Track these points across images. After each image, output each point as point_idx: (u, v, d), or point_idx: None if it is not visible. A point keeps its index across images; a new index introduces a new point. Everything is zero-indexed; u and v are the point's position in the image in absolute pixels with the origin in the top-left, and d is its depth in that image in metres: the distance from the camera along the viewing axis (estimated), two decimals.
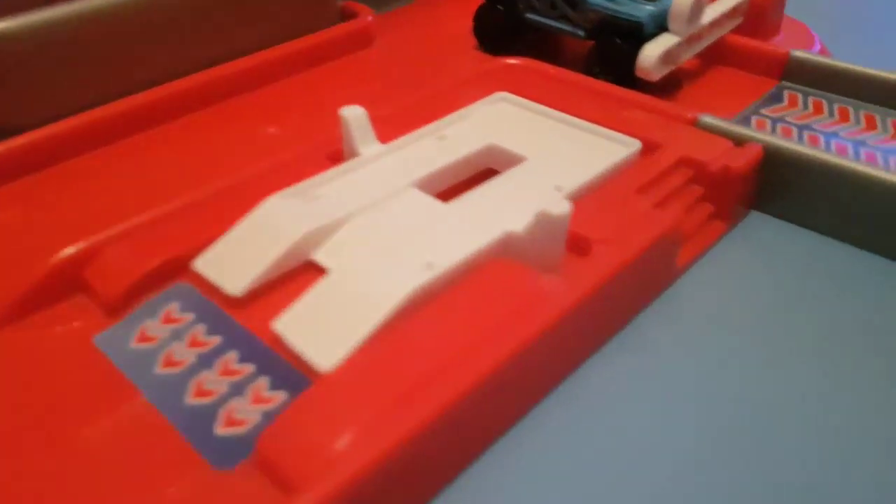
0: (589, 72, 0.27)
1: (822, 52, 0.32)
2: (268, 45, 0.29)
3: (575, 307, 0.17)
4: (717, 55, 0.30)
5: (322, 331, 0.17)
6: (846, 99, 0.27)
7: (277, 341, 0.17)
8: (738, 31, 0.30)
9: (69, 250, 0.19)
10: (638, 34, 0.27)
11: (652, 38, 0.27)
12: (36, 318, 0.18)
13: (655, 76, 0.26)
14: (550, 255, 0.18)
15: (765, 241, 0.23)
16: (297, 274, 0.19)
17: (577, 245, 0.19)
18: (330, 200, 0.20)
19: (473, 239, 0.18)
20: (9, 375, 0.17)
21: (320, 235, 0.19)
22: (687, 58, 0.28)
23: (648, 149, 0.23)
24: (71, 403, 0.16)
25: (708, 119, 0.24)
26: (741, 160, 0.22)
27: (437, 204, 0.20)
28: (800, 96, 0.27)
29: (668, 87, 0.28)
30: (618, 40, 0.27)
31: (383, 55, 0.32)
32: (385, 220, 0.19)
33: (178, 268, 0.19)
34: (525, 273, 0.18)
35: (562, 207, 0.18)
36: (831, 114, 0.26)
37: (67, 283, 0.19)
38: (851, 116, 0.26)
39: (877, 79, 0.27)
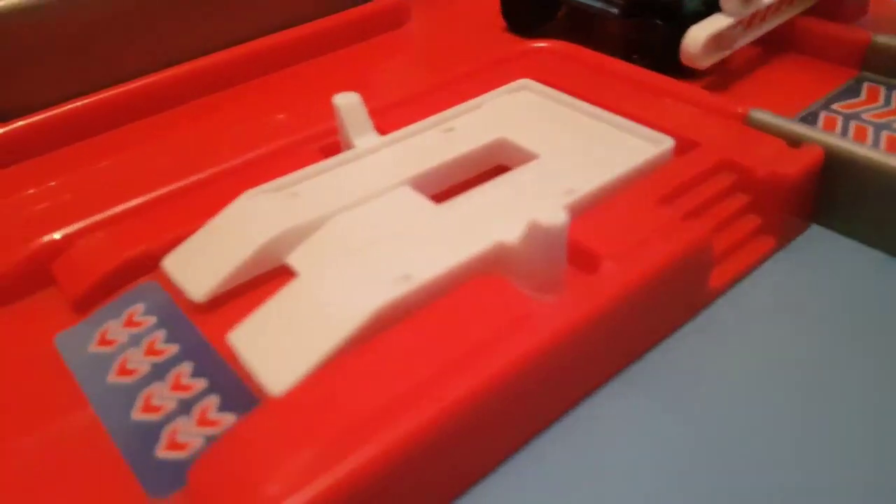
0: (627, 58, 0.25)
1: None
2: (294, 23, 0.28)
3: (571, 333, 0.15)
4: (784, 40, 0.26)
5: (278, 347, 0.15)
6: None
7: (230, 354, 0.16)
8: (813, 11, 0.27)
9: (42, 240, 0.18)
10: (678, 13, 0.24)
11: (696, 14, 0.24)
12: (3, 311, 0.18)
13: (703, 63, 0.23)
14: (547, 272, 0.16)
15: (824, 261, 0.20)
16: (270, 279, 0.18)
17: (584, 261, 0.17)
18: (311, 198, 0.19)
19: (460, 249, 0.16)
20: None
21: (296, 237, 0.18)
22: (744, 43, 0.24)
23: (684, 148, 0.20)
24: (16, 406, 0.16)
25: (760, 115, 0.21)
26: (795, 165, 0.19)
27: (429, 205, 0.18)
28: (882, 90, 0.24)
29: (721, 77, 0.25)
30: (656, 20, 0.25)
31: (413, 37, 0.30)
32: (367, 222, 0.18)
33: (149, 264, 0.18)
34: (513, 292, 0.16)
35: (557, 217, 0.15)
36: None
37: (40, 275, 0.18)
38: None
39: None
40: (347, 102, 0.20)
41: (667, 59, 0.24)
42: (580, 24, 0.30)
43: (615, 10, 0.26)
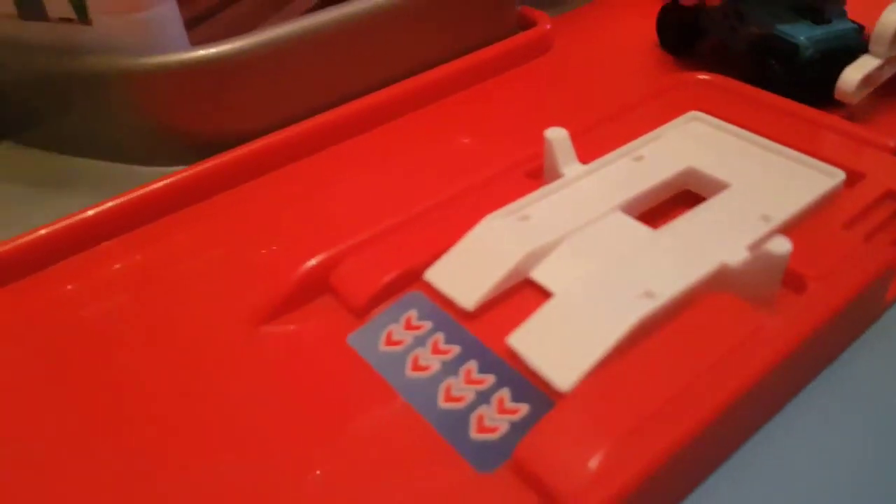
0: None
1: None
2: (452, 56, 0.31)
3: (797, 345, 0.19)
4: None
5: (555, 351, 0.19)
6: None
7: (510, 355, 0.19)
8: None
9: (318, 258, 0.22)
10: (793, 57, 0.27)
11: (811, 62, 0.27)
12: (290, 317, 0.21)
13: (854, 100, 0.26)
14: (766, 292, 0.20)
15: None
16: (515, 291, 0.21)
17: (793, 281, 0.20)
18: (541, 221, 0.22)
19: (689, 269, 0.20)
20: (274, 366, 0.20)
21: (536, 256, 0.21)
22: (886, 77, 0.28)
23: (850, 180, 0.23)
24: (334, 397, 0.19)
25: None
26: None
27: (645, 229, 0.22)
28: None
29: (864, 107, 0.29)
30: (772, 61, 0.28)
31: (561, 62, 0.33)
32: (597, 244, 0.21)
33: (412, 277, 0.22)
34: (745, 310, 0.19)
35: (784, 246, 0.19)
36: None
37: (316, 286, 0.22)
38: None
39: None
40: (557, 136, 0.24)
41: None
42: (717, 51, 0.33)
43: (743, 46, 0.29)
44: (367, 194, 0.25)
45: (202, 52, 0.26)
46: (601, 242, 0.21)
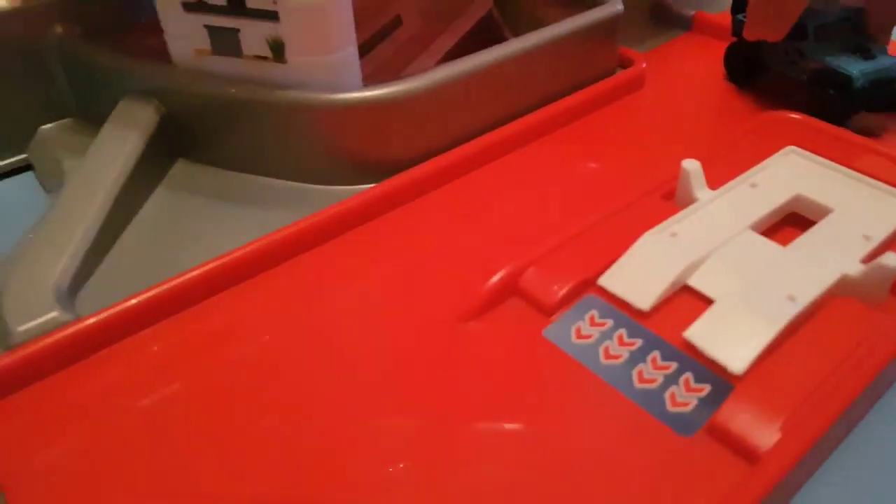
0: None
1: None
2: (567, 92, 0.36)
3: None
4: None
5: (725, 342, 0.24)
6: None
7: (687, 347, 0.24)
8: None
9: (508, 267, 0.26)
10: (848, 86, 0.33)
11: (862, 90, 0.33)
12: (489, 315, 0.26)
13: None
14: (878, 297, 0.25)
15: None
16: (675, 296, 0.26)
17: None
18: (688, 237, 0.27)
19: (819, 278, 0.25)
20: (481, 356, 0.25)
21: (693, 266, 0.26)
22: None
23: None
24: (554, 379, 0.24)
25: None
26: None
27: (775, 245, 0.27)
28: None
29: None
30: (830, 91, 0.33)
31: (656, 96, 0.38)
32: (739, 257, 0.26)
33: (587, 283, 0.26)
34: (865, 311, 0.24)
35: (894, 260, 0.24)
36: None
37: (504, 290, 0.26)
38: None
39: None
40: (693, 167, 0.29)
41: (833, 121, 0.34)
42: (778, 82, 0.38)
43: (804, 77, 0.35)
44: (525, 212, 0.30)
45: (376, 92, 0.31)
46: (742, 255, 0.26)
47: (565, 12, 0.37)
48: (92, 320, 0.24)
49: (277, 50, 0.30)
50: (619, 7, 0.37)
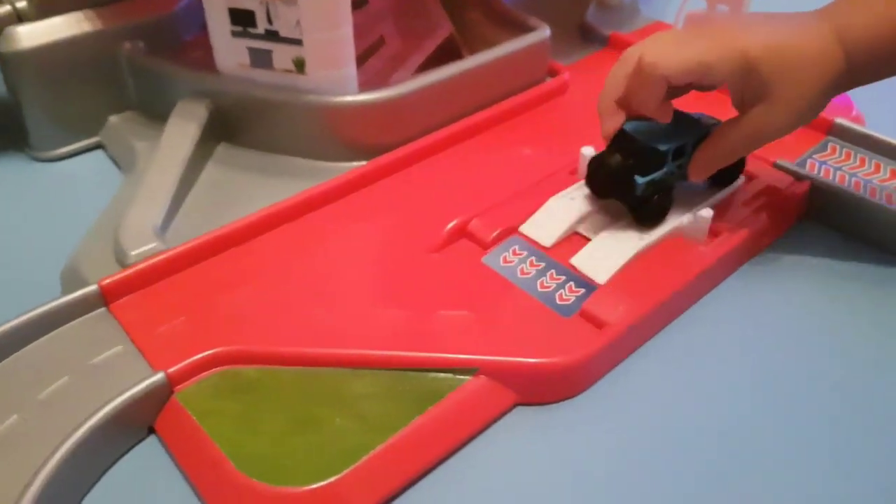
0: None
1: (857, 117, 0.52)
2: (508, 95, 0.51)
3: (712, 262, 0.39)
4: None
5: (597, 262, 0.38)
6: (864, 150, 0.47)
7: (573, 267, 0.38)
8: None
9: (456, 219, 0.41)
10: (632, 193, 0.39)
11: (647, 201, 0.39)
12: (447, 250, 0.40)
13: None
14: (702, 236, 0.40)
15: (805, 239, 0.44)
16: (569, 237, 0.40)
17: (713, 232, 0.40)
18: (581, 200, 0.41)
19: (662, 226, 0.40)
20: (452, 275, 0.39)
21: (582, 218, 0.41)
22: None
23: (747, 179, 0.44)
24: (487, 286, 0.38)
25: (781, 162, 0.45)
26: (795, 190, 0.43)
27: None
28: (838, 147, 0.48)
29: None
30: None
31: (576, 100, 0.53)
32: (613, 212, 0.41)
33: (513, 229, 0.41)
34: (690, 244, 0.39)
35: (708, 212, 0.39)
36: (853, 159, 0.47)
37: (456, 234, 0.41)
38: (867, 162, 0.47)
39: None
40: (589, 152, 0.43)
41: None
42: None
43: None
44: (475, 182, 0.44)
45: (370, 96, 0.45)
46: (614, 210, 0.41)
47: (507, 35, 0.51)
48: (179, 249, 0.38)
49: (300, 65, 0.44)
50: (548, 32, 0.51)
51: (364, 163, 0.44)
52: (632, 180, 0.38)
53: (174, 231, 0.40)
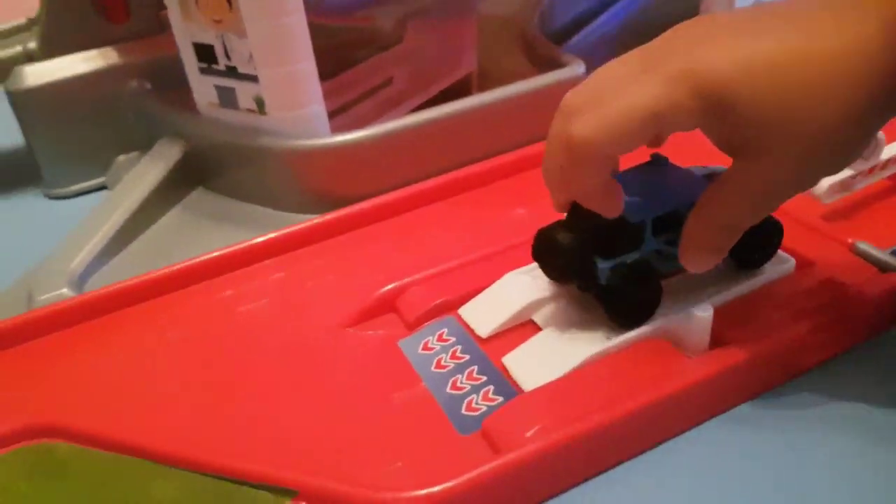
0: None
1: None
2: (522, 144, 0.42)
3: (703, 380, 0.27)
4: None
5: (529, 366, 0.29)
6: None
7: (504, 367, 0.29)
8: None
9: (390, 286, 0.33)
10: (594, 282, 0.29)
11: (615, 291, 0.29)
12: (367, 325, 0.33)
13: (826, 201, 0.34)
14: (696, 345, 0.28)
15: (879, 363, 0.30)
16: (521, 325, 0.31)
17: (717, 339, 0.29)
18: (544, 279, 0.32)
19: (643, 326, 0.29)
20: (351, 359, 0.31)
21: (539, 303, 0.31)
22: (866, 185, 0.35)
23: (802, 265, 0.31)
24: (384, 378, 0.30)
25: (863, 246, 0.31)
26: (877, 288, 0.30)
27: None
28: None
29: (856, 204, 0.36)
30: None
31: None
32: (580, 300, 0.31)
33: (450, 307, 0.32)
34: (671, 351, 0.28)
35: (707, 311, 0.28)
36: None
37: (385, 306, 0.33)
38: None
39: None
40: None
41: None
42: None
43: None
44: (450, 243, 0.36)
45: (338, 139, 0.39)
46: (581, 299, 0.31)
47: (536, 72, 0.43)
48: (87, 297, 0.35)
49: (261, 105, 0.40)
50: (582, 69, 0.42)
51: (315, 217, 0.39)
52: (591, 264, 0.29)
53: (98, 280, 0.38)
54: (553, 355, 0.29)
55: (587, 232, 0.29)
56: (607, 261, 0.28)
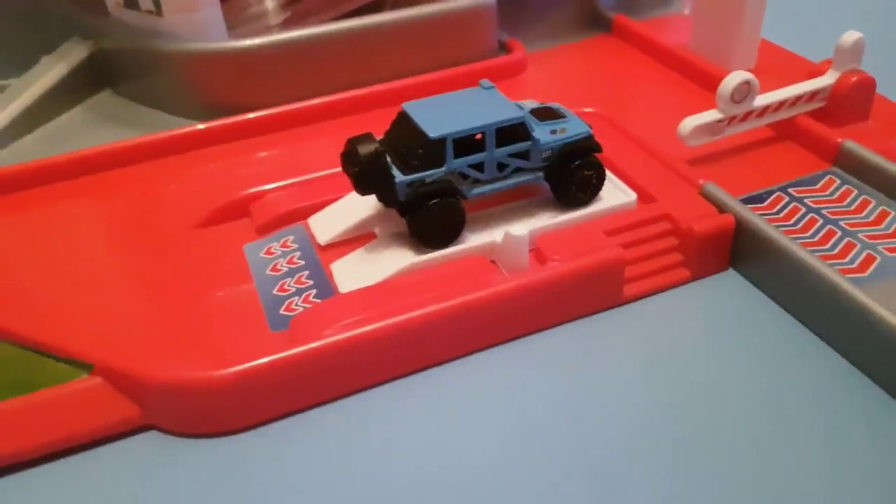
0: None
1: None
2: (435, 67, 0.43)
3: (515, 291, 0.28)
4: (789, 131, 0.36)
5: (350, 272, 0.29)
6: (876, 192, 0.32)
7: (330, 273, 0.30)
8: (821, 112, 0.36)
9: (248, 191, 0.34)
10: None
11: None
12: (220, 227, 0.34)
13: (692, 143, 0.34)
14: (514, 264, 0.29)
15: (723, 295, 0.30)
16: (363, 238, 0.32)
17: (540, 258, 0.29)
18: None
19: (466, 242, 0.30)
20: (191, 258, 0.32)
21: (381, 217, 0.32)
22: (736, 132, 0.35)
23: (646, 200, 0.32)
24: (217, 277, 0.31)
25: (711, 188, 0.32)
26: (706, 225, 0.30)
27: None
28: (836, 182, 0.33)
29: (726, 151, 0.36)
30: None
31: (530, 82, 0.43)
32: None
33: (301, 216, 0.33)
34: (489, 268, 0.29)
35: (522, 231, 0.28)
36: (850, 203, 0.32)
37: (240, 210, 0.34)
38: (868, 209, 0.31)
39: None
40: None
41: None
42: None
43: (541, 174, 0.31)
44: (314, 160, 0.37)
45: (231, 44, 0.40)
46: None
47: None
48: None
49: (157, 5, 0.40)
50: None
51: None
52: (390, 178, 0.29)
53: None
54: (372, 263, 0.29)
55: (387, 144, 0.29)
56: (406, 176, 0.29)
